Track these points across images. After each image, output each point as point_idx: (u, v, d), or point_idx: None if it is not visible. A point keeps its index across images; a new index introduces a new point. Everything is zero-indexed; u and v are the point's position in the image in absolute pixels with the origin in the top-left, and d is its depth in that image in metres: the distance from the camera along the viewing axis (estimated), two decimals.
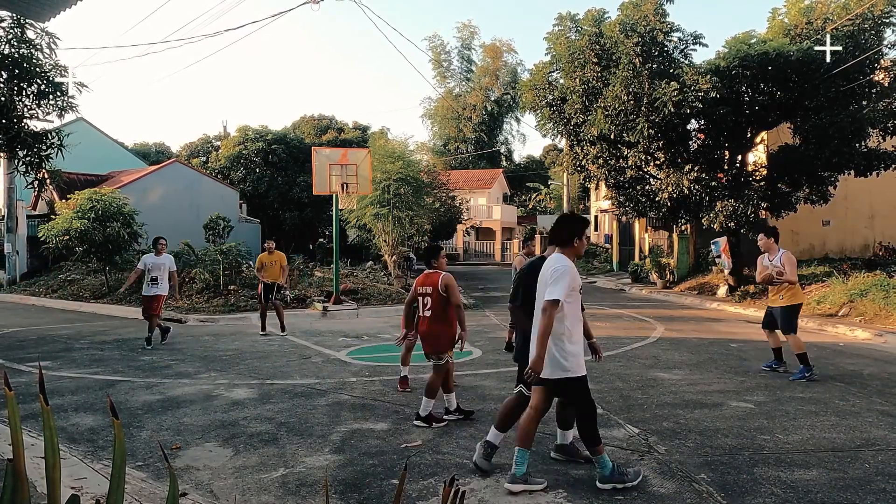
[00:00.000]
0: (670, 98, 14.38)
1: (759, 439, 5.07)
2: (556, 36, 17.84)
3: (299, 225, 30.52)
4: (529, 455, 4.15)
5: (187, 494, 3.98)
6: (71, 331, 12.04)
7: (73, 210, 16.91)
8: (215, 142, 39.82)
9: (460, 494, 1.50)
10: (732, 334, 11.08)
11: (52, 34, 10.04)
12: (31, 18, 8.65)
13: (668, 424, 5.49)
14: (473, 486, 4.12)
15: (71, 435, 5.27)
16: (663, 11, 15.60)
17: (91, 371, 8.02)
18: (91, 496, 3.81)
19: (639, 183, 17.78)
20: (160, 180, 24.67)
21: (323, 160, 15.21)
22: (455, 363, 8.34)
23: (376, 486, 4.15)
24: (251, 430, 5.37)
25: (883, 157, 15.51)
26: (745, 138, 16.93)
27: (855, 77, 15.09)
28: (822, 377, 7.43)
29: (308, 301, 15.13)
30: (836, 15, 15.42)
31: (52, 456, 1.38)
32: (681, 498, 3.91)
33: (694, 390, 6.79)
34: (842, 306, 13.06)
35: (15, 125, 9.85)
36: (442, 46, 53.22)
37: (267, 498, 3.97)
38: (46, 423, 1.37)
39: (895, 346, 9.90)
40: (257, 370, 8.00)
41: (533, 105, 18.84)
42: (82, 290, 17.99)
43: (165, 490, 4.00)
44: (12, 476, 1.35)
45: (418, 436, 5.20)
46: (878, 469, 4.41)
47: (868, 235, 21.08)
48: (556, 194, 42.77)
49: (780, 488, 4.05)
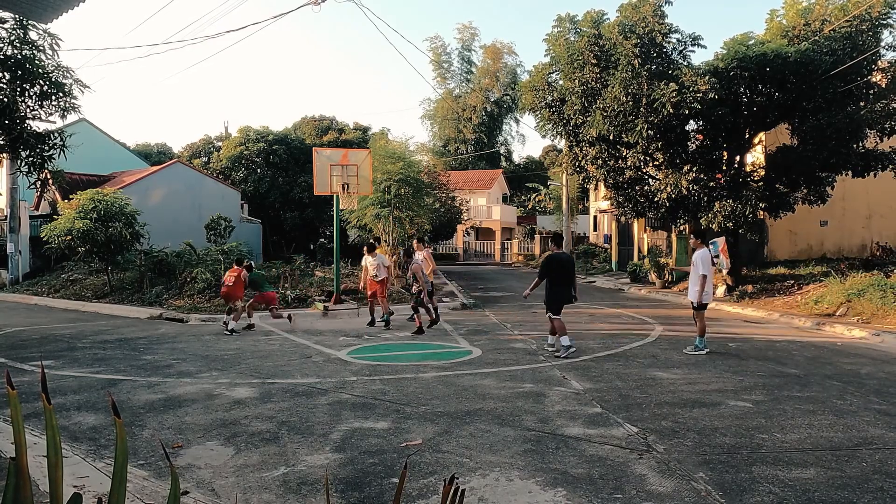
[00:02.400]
0: (669, 99, 14.42)
1: (757, 438, 5.10)
2: (556, 37, 17.88)
3: (300, 225, 30.57)
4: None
5: (189, 493, 4.00)
6: (73, 330, 12.07)
7: (75, 210, 16.95)
8: (217, 142, 39.86)
9: (460, 493, 1.51)
10: (730, 334, 11.11)
11: (55, 35, 10.10)
12: (34, 20, 8.68)
13: (667, 423, 5.52)
14: (473, 484, 4.14)
15: (73, 434, 5.30)
16: (662, 13, 15.64)
17: (93, 370, 8.05)
18: (93, 494, 3.83)
19: (637, 183, 17.82)
20: (162, 181, 24.70)
21: (324, 161, 15.25)
22: (455, 363, 8.41)
23: (376, 484, 4.17)
24: (252, 429, 5.40)
25: (880, 157, 15.55)
26: (743, 139, 16.97)
27: (852, 78, 15.12)
28: (820, 377, 7.46)
29: (309, 301, 15.16)
30: (834, 16, 15.45)
31: (54, 455, 1.38)
32: (679, 496, 3.94)
33: (692, 389, 6.82)
34: (839, 306, 13.11)
35: (18, 126, 9.88)
36: (443, 48, 53.33)
37: (268, 496, 3.99)
38: (49, 422, 1.37)
39: (892, 345, 9.94)
40: (258, 369, 8.04)
41: (532, 106, 18.88)
42: (84, 290, 18.04)
43: (167, 488, 4.01)
44: (15, 474, 1.35)
45: (418, 435, 5.24)
46: (876, 468, 4.44)
47: (865, 235, 21.13)
48: (555, 195, 42.70)
49: (779, 487, 4.08)
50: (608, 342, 10.00)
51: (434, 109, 53.30)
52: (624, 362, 8.40)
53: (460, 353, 9.22)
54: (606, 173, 18.17)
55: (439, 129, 53.23)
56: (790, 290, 15.83)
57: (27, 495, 1.36)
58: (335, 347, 9.72)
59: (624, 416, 5.75)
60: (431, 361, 8.51)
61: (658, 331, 11.42)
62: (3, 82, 9.75)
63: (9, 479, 1.35)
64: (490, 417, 5.72)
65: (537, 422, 5.59)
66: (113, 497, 1.41)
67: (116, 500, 1.40)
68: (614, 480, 4.21)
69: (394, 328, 11.86)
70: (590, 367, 8.06)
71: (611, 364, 8.19)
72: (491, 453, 4.75)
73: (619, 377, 7.42)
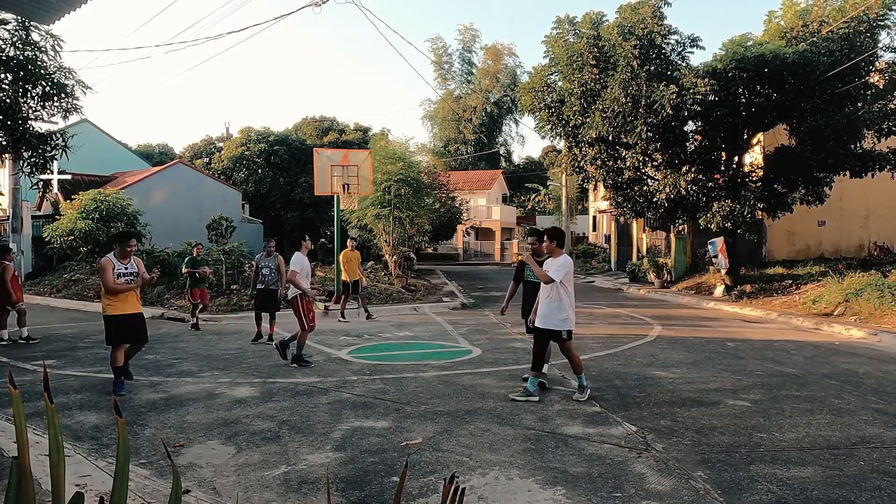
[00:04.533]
0: (668, 100, 14.45)
1: (755, 437, 5.13)
2: (555, 39, 17.92)
3: (301, 225, 30.59)
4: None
5: (190, 491, 4.02)
6: (75, 330, 12.08)
7: (77, 210, 17.01)
8: (218, 143, 39.90)
9: (460, 491, 1.51)
10: (729, 333, 11.14)
11: (57, 37, 10.10)
12: (36, 21, 8.71)
13: (666, 422, 5.55)
14: (473, 483, 4.17)
15: (75, 433, 5.32)
16: (661, 14, 15.68)
17: (95, 370, 8.07)
18: (95, 493, 3.85)
19: (636, 184, 17.86)
20: (163, 181, 24.73)
21: (324, 161, 15.28)
22: (455, 362, 8.44)
23: (377, 483, 4.19)
24: (253, 428, 5.42)
25: (878, 158, 15.59)
26: (741, 140, 17.01)
27: (850, 79, 15.16)
28: (818, 376, 7.49)
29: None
30: (832, 18, 15.48)
31: (56, 454, 1.37)
32: (678, 495, 3.96)
33: (691, 388, 6.85)
34: (837, 306, 13.15)
35: (20, 126, 9.89)
36: (443, 49, 53.30)
37: (269, 495, 4.01)
38: (51, 421, 1.37)
39: (890, 344, 9.98)
40: (259, 369, 8.06)
41: (532, 107, 18.91)
42: (86, 290, 18.07)
43: (169, 487, 4.04)
44: (17, 473, 1.35)
45: (419, 434, 5.27)
46: (873, 466, 4.46)
47: (863, 235, 21.17)
48: (554, 195, 42.76)
49: (777, 485, 4.10)
50: (607, 342, 10.04)
51: (434, 110, 53.32)
52: (623, 361, 8.43)
53: (460, 352, 9.25)
54: (605, 174, 18.21)
55: (439, 130, 53.25)
56: (788, 289, 15.87)
57: (29, 494, 1.36)
58: (336, 347, 9.74)
59: (623, 415, 5.78)
60: (432, 361, 8.55)
61: (657, 330, 11.45)
62: (5, 83, 9.77)
63: (11, 478, 1.35)
64: (490, 416, 5.75)
65: (537, 421, 5.62)
66: (115, 496, 1.41)
67: (118, 499, 1.40)
68: (613, 479, 4.23)
69: (394, 328, 11.92)
70: (589, 366, 8.08)
71: (610, 363, 8.22)
72: (491, 452, 4.78)
73: (617, 376, 7.46)
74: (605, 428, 5.39)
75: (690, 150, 17.03)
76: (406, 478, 1.96)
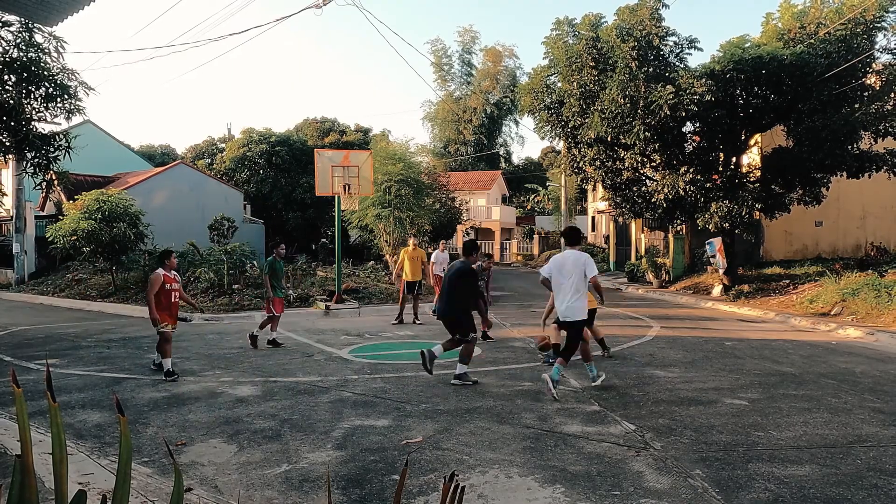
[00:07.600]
0: (666, 101, 14.50)
1: (753, 436, 5.17)
2: (554, 40, 17.95)
3: (302, 225, 30.64)
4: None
5: (192, 489, 4.06)
6: (78, 329, 12.13)
7: (80, 211, 17.04)
8: (220, 144, 39.97)
9: (460, 490, 1.52)
10: (727, 333, 11.19)
11: (60, 38, 10.11)
12: (39, 23, 8.77)
13: (664, 421, 5.59)
14: (473, 481, 4.20)
15: (78, 431, 5.37)
16: (659, 16, 15.72)
17: (98, 369, 8.12)
18: (98, 491, 3.88)
19: (635, 184, 17.90)
20: (166, 181, 24.73)
21: (325, 162, 15.33)
22: (455, 361, 8.45)
23: (377, 481, 4.23)
24: (255, 427, 5.46)
25: (874, 159, 15.62)
26: (739, 140, 17.05)
27: (847, 80, 15.19)
28: (815, 375, 7.54)
29: (311, 300, 15.26)
30: (829, 20, 15.51)
31: (59, 452, 1.38)
32: (676, 493, 3.99)
33: (689, 388, 6.89)
34: (834, 305, 13.20)
35: (23, 127, 9.92)
36: (443, 50, 53.27)
37: (270, 493, 4.05)
38: (54, 420, 1.37)
39: (886, 344, 10.02)
40: (261, 368, 8.10)
41: (531, 108, 18.93)
42: (89, 290, 18.14)
43: (171, 485, 4.07)
44: (21, 471, 1.35)
45: (419, 432, 5.31)
46: (870, 465, 4.49)
47: (860, 236, 21.21)
48: (553, 195, 42.82)
49: (774, 483, 4.14)
50: (606, 341, 10.07)
51: (434, 111, 53.33)
52: (621, 361, 8.48)
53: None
54: (604, 174, 18.25)
55: (440, 131, 53.25)
56: (786, 289, 15.92)
57: (33, 492, 1.36)
58: (337, 346, 9.79)
59: (621, 414, 5.82)
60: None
61: (655, 330, 11.50)
62: (8, 84, 9.80)
63: (14, 476, 1.36)
64: (489, 415, 5.79)
65: (536, 419, 5.66)
66: (117, 494, 1.40)
67: (121, 497, 1.40)
68: (612, 477, 4.27)
69: (395, 327, 12.02)
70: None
71: (608, 363, 8.26)
72: (490, 451, 4.82)
73: (616, 375, 7.50)
74: (604, 427, 5.44)
75: (689, 151, 17.07)
76: (406, 476, 1.99)
